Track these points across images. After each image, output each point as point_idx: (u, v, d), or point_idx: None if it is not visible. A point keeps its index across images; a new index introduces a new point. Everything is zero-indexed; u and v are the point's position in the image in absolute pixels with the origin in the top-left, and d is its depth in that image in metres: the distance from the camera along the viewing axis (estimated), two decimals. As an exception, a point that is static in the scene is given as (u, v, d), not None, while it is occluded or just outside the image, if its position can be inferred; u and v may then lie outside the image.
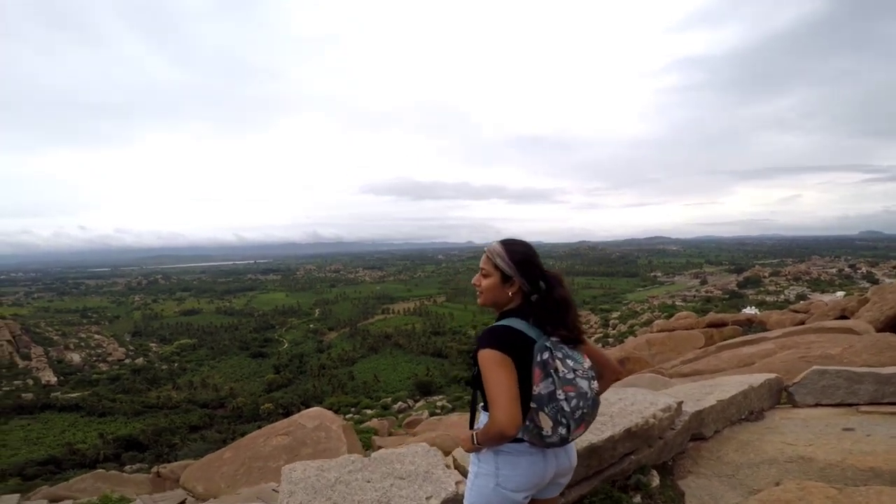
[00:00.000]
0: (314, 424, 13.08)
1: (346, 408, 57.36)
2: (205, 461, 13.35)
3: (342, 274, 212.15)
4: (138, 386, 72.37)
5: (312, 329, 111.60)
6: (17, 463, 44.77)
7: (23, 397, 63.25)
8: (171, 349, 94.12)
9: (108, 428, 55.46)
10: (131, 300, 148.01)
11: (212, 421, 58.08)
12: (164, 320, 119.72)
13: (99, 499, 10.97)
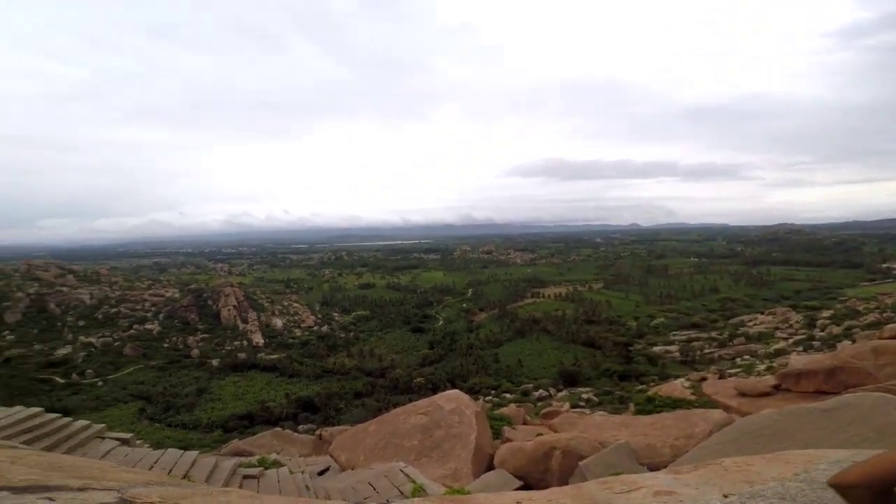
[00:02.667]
0: (451, 407, 13.12)
1: (487, 389, 58.33)
2: (352, 431, 14.64)
3: (494, 255, 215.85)
4: (321, 351, 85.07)
5: (465, 308, 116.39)
6: (223, 416, 56.54)
7: (238, 357, 79.71)
8: (349, 319, 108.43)
9: (293, 388, 66.12)
10: (322, 273, 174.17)
11: (373, 389, 64.85)
12: (345, 292, 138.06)
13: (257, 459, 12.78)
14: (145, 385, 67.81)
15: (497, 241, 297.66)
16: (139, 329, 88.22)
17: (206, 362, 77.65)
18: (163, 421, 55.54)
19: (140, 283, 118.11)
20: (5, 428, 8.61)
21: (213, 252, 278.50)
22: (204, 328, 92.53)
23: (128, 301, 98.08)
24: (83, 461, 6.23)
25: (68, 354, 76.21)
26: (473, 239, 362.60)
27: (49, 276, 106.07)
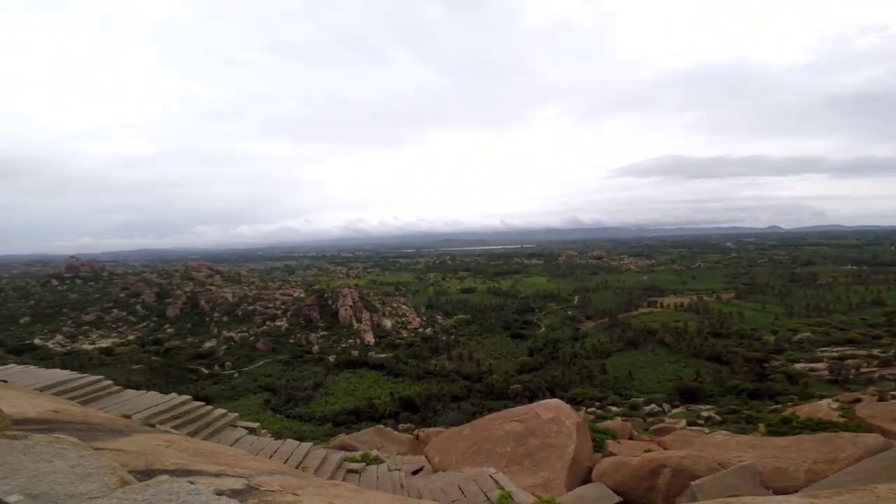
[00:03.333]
0: (549, 416, 13.26)
1: (590, 401, 55.61)
2: (447, 434, 15.39)
3: (605, 261, 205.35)
4: (424, 353, 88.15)
5: (570, 316, 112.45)
6: (334, 411, 60.87)
7: (351, 354, 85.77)
8: (451, 322, 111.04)
9: (397, 388, 69.17)
10: (427, 277, 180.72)
11: (469, 393, 65.42)
12: (448, 296, 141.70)
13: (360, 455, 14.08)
14: (272, 378, 75.21)
15: (608, 246, 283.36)
16: (270, 325, 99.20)
17: (324, 358, 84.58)
18: (283, 412, 60.63)
19: (272, 283, 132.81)
20: (162, 413, 10.33)
21: (334, 256, 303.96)
22: (324, 326, 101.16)
23: (262, 299, 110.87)
24: (221, 448, 7.29)
25: (213, 347, 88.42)
26: (580, 243, 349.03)
27: (201, 276, 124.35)
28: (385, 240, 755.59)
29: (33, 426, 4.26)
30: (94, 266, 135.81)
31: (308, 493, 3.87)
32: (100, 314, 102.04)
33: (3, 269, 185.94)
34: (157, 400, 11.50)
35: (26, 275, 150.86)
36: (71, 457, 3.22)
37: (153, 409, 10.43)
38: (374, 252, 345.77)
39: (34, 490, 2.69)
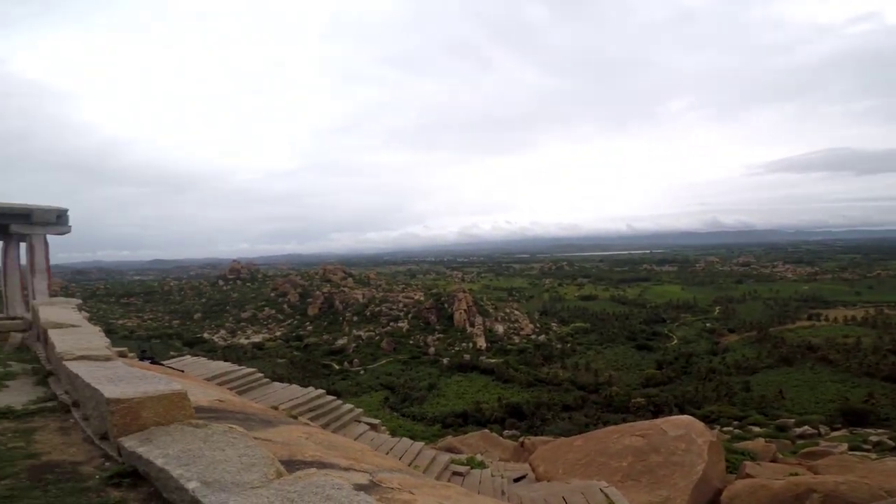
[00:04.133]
0: (677, 433, 12.65)
1: (726, 419, 50.75)
2: (556, 444, 15.31)
3: (753, 268, 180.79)
4: (536, 360, 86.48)
5: (708, 328, 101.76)
6: (444, 412, 62.30)
7: (464, 358, 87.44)
8: (567, 330, 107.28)
9: (505, 393, 68.77)
10: (543, 283, 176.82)
11: (583, 404, 62.58)
12: (565, 303, 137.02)
13: (467, 458, 14.62)
14: (392, 376, 79.63)
15: (757, 252, 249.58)
16: (393, 326, 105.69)
17: (439, 360, 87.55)
18: (399, 410, 63.40)
19: (396, 286, 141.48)
20: (301, 405, 11.58)
21: (450, 261, 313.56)
22: (440, 329, 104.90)
23: (387, 301, 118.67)
24: (350, 443, 7.98)
25: (344, 344, 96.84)
26: (722, 248, 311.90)
27: (336, 279, 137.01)
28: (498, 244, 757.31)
29: (204, 414, 4.98)
30: (252, 269, 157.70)
31: (423, 492, 4.02)
32: (254, 312, 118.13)
33: (183, 271, 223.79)
34: (298, 393, 12.94)
35: (200, 276, 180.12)
36: (239, 446, 3.49)
37: (294, 402, 11.76)
38: (488, 257, 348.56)
39: (209, 477, 2.94)
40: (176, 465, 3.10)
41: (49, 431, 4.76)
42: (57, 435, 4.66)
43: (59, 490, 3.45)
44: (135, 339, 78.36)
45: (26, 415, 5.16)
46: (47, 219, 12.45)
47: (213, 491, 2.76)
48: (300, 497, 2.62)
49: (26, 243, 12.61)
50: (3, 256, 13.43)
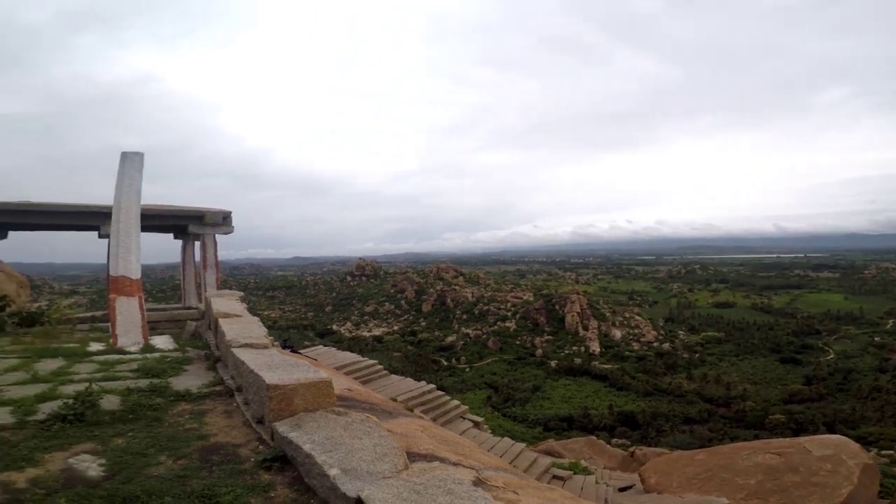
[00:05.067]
0: (822, 453, 11.39)
1: (888, 441, 44.64)
2: (673, 456, 14.51)
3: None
4: (657, 369, 79.87)
5: (877, 343, 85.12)
6: (547, 415, 60.31)
7: (574, 361, 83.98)
8: (697, 339, 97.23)
9: (618, 401, 64.55)
10: (669, 287, 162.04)
11: (709, 418, 57.02)
12: (696, 310, 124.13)
13: (570, 463, 14.49)
14: (496, 376, 79.38)
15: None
16: (500, 326, 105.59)
17: (546, 362, 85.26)
18: (501, 410, 62.84)
19: (505, 286, 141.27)
20: (413, 398, 12.24)
21: (563, 261, 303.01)
22: (549, 330, 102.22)
23: (495, 301, 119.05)
24: (459, 439, 8.33)
25: (453, 341, 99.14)
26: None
27: (448, 277, 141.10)
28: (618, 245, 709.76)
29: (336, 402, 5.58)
30: (375, 266, 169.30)
31: (527, 493, 4.03)
32: (376, 307, 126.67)
33: (317, 268, 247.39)
34: (412, 386, 13.67)
35: (331, 273, 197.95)
36: (374, 436, 3.60)
37: (409, 394, 12.47)
38: (606, 258, 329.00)
39: (347, 465, 3.08)
40: (321, 451, 3.29)
41: (216, 414, 5.17)
42: (222, 417, 5.06)
43: (222, 472, 3.76)
44: (276, 328, 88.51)
45: (199, 397, 5.66)
46: (216, 220, 14.63)
47: (350, 479, 2.93)
48: (425, 489, 2.72)
49: (200, 242, 15.09)
50: (181, 253, 16.33)
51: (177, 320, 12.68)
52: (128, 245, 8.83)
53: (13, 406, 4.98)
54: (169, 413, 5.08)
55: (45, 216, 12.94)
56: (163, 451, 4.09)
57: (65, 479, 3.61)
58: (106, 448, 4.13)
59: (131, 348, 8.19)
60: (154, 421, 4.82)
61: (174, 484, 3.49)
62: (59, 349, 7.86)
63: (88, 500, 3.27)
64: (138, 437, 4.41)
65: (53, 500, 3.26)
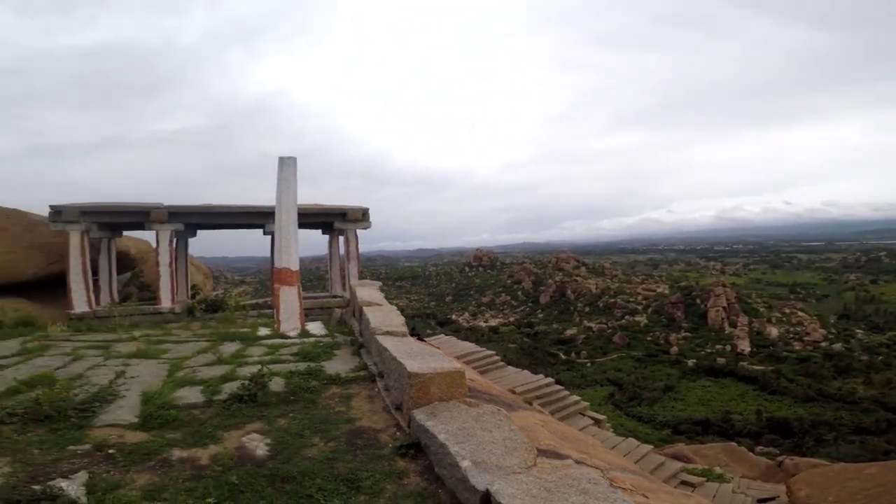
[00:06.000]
0: None
1: None
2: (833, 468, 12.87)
3: None
4: (824, 372, 68.39)
5: None
6: (679, 417, 54.65)
7: (716, 361, 75.23)
8: (882, 339, 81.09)
9: (769, 406, 56.46)
10: (844, 279, 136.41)
11: (888, 428, 47.64)
12: (882, 305, 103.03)
13: (703, 469, 13.53)
14: (621, 373, 74.44)
15: None
16: (629, 320, 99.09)
17: (682, 361, 78.05)
18: (624, 409, 58.74)
19: (635, 277, 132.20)
20: (529, 391, 12.16)
21: (704, 249, 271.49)
22: (688, 327, 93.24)
23: (623, 293, 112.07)
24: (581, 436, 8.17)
25: (573, 335, 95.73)
26: None
27: (569, 268, 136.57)
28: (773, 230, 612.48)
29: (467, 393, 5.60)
30: (491, 257, 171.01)
31: (658, 497, 3.83)
32: (492, 297, 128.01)
33: (439, 258, 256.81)
34: (529, 378, 13.53)
35: (450, 263, 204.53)
36: (504, 429, 3.52)
37: (526, 387, 12.38)
38: (759, 245, 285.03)
39: (478, 457, 3.00)
40: (454, 441, 3.25)
41: (361, 398, 5.46)
42: (366, 402, 5.33)
43: (364, 456, 3.94)
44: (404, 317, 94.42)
45: (347, 381, 6.03)
46: (356, 216, 16.20)
47: (480, 471, 2.83)
48: (556, 487, 2.59)
49: (343, 236, 16.87)
50: (328, 247, 18.40)
51: (325, 307, 14.25)
52: (288, 240, 10.04)
53: (203, 385, 5.77)
54: (322, 396, 5.54)
55: (223, 216, 15.42)
56: (316, 432, 4.46)
57: (238, 457, 3.97)
58: (271, 428, 4.56)
59: (291, 333, 9.36)
60: (310, 403, 5.29)
61: (324, 466, 3.76)
62: (236, 333, 9.32)
63: (254, 478, 3.56)
64: (297, 418, 4.83)
65: (227, 477, 3.56)
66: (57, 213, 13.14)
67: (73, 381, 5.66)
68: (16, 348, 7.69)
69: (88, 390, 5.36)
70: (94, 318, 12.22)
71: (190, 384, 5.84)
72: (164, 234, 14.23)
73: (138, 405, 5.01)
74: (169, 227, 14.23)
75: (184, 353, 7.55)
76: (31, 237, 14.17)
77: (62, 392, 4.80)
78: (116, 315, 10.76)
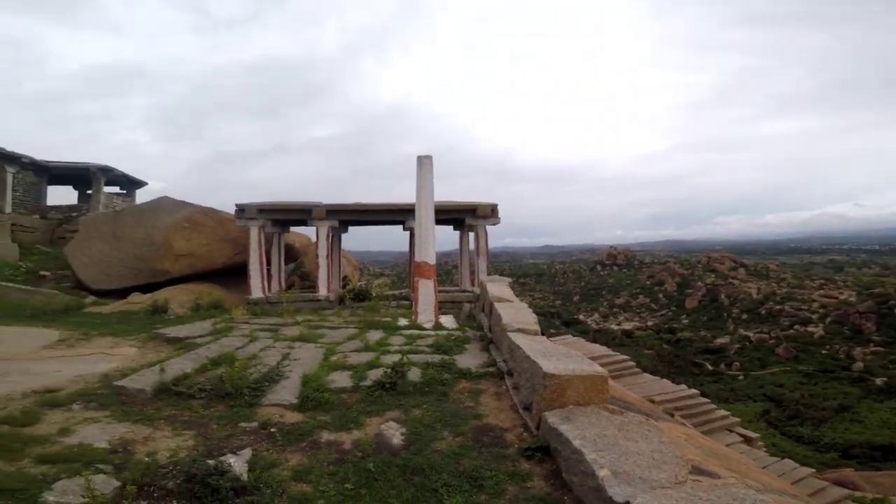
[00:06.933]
0: None
1: None
2: None
3: None
4: None
5: None
6: (850, 441, 44.87)
7: None
8: None
9: None
10: None
11: None
12: None
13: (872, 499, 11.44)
14: (783, 388, 64.62)
15: None
16: (799, 330, 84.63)
17: (867, 379, 64.39)
18: (780, 427, 51.07)
19: (810, 281, 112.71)
20: (668, 402, 11.18)
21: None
22: (879, 340, 76.54)
23: (793, 299, 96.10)
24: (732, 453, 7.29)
25: (724, 344, 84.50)
26: None
27: (723, 269, 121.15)
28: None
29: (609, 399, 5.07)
30: (628, 255, 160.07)
31: None
32: (628, 299, 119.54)
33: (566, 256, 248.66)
34: (669, 388, 12.53)
35: (579, 261, 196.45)
36: (653, 440, 3.33)
37: (665, 396, 11.50)
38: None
39: (619, 468, 2.85)
40: (591, 448, 3.10)
41: (489, 395, 5.42)
42: (493, 399, 5.28)
43: (489, 454, 3.93)
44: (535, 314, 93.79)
45: (476, 377, 6.02)
46: (486, 212, 16.51)
47: (620, 482, 2.66)
48: None
49: (473, 232, 17.35)
50: (459, 243, 19.09)
51: (454, 302, 14.84)
52: (427, 235, 10.50)
53: (352, 371, 6.18)
54: (453, 389, 5.64)
55: (370, 214, 16.97)
56: (446, 426, 4.55)
57: (376, 444, 4.18)
58: (407, 418, 4.74)
59: (426, 325, 9.80)
60: (442, 396, 5.42)
61: (450, 461, 3.81)
62: (379, 322, 10.06)
63: (388, 468, 3.72)
64: (430, 410, 4.97)
65: (365, 464, 3.77)
66: (241, 211, 15.78)
67: (249, 360, 6.53)
68: (208, 328, 8.99)
69: (260, 370, 6.13)
70: (266, 303, 14.36)
71: (341, 369, 6.44)
72: (323, 230, 16.07)
73: (298, 387, 5.61)
74: (327, 224, 16.06)
75: (336, 339, 8.37)
76: (223, 231, 17.17)
77: (240, 371, 5.53)
78: (284, 301, 12.46)
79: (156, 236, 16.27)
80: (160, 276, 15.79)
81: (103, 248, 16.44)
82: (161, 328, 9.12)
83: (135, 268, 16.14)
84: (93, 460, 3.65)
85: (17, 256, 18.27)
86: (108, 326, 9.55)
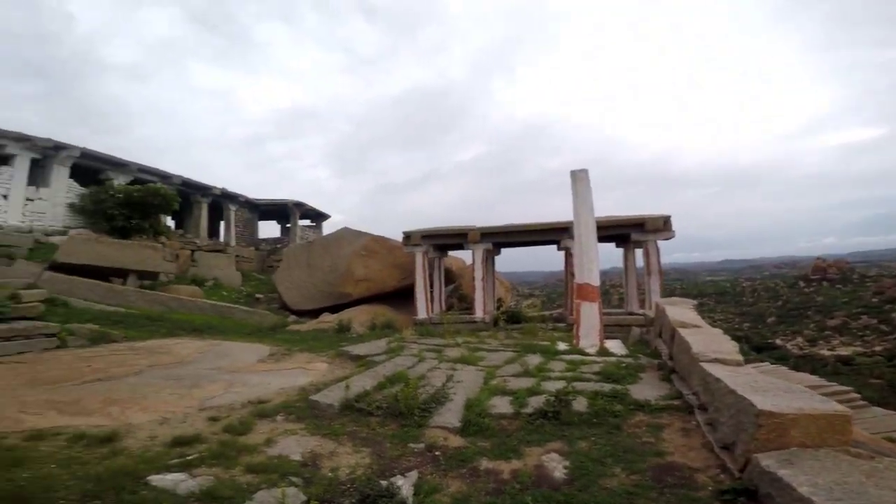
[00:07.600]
0: None
1: None
2: None
3: None
4: None
5: None
6: None
7: None
8: None
9: None
10: None
11: None
12: None
13: None
14: None
15: None
16: None
17: None
18: None
19: None
20: None
21: None
22: None
23: None
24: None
25: None
26: None
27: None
28: None
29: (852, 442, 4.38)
30: (842, 267, 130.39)
31: None
32: (845, 319, 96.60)
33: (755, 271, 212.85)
34: None
35: (775, 276, 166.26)
36: None
37: None
38: None
39: None
40: (825, 497, 2.68)
41: (673, 431, 4.90)
42: (679, 435, 4.77)
43: (673, 496, 3.55)
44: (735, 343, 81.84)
45: (657, 410, 5.50)
46: (656, 226, 14.77)
47: None
48: None
49: (641, 249, 15.62)
50: (623, 261, 17.64)
51: (621, 325, 13.62)
52: (589, 255, 9.96)
53: (512, 397, 5.98)
54: (627, 422, 5.13)
55: (523, 235, 16.81)
56: (619, 462, 4.18)
57: (536, 476, 3.98)
58: (571, 450, 4.46)
59: (589, 350, 9.15)
60: (614, 429, 4.99)
61: (623, 500, 3.48)
62: (537, 346, 9.74)
63: (548, 502, 3.48)
64: (599, 443, 4.62)
65: (523, 497, 3.55)
66: (407, 238, 17.18)
67: (419, 380, 6.76)
68: (383, 347, 9.55)
69: (428, 391, 6.28)
70: (430, 323, 15.18)
71: (501, 393, 6.31)
72: (479, 253, 16.51)
73: (461, 410, 5.60)
74: (482, 246, 16.47)
75: (495, 362, 8.33)
76: (392, 258, 18.95)
77: (412, 391, 5.71)
78: (445, 322, 13.02)
79: (339, 264, 18.81)
80: (344, 299, 18.17)
81: (300, 274, 19.66)
82: (346, 346, 10.18)
83: (324, 291, 18.84)
84: (287, 472, 3.99)
85: (240, 282, 22.82)
86: (305, 343, 11.05)
